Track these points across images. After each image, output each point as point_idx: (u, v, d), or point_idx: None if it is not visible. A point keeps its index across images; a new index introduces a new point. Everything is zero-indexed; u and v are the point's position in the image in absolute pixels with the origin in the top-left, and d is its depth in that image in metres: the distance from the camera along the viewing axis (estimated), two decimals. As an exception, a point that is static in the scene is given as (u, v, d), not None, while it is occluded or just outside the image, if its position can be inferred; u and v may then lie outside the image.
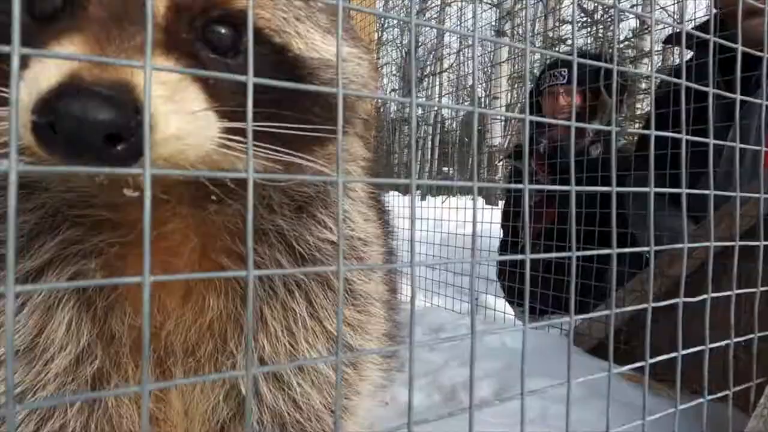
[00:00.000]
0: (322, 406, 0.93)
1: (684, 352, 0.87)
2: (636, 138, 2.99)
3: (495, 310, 2.74)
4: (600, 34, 6.92)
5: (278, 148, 0.70)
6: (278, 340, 0.89)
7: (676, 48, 3.23)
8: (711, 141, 0.92)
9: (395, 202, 3.32)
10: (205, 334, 0.88)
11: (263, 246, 0.86)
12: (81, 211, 0.80)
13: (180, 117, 0.61)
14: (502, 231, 3.55)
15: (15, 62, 0.37)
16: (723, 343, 0.95)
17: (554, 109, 3.36)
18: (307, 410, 0.92)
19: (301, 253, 0.88)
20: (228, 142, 0.66)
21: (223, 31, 0.69)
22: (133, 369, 0.86)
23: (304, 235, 0.88)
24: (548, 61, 3.62)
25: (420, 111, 5.98)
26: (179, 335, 0.87)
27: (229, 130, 0.66)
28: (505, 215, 3.50)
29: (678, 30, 2.01)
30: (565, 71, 3.30)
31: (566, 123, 0.75)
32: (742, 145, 0.99)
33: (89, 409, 0.84)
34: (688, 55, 2.39)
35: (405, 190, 3.82)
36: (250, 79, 0.48)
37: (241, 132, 0.65)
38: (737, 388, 0.98)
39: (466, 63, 8.45)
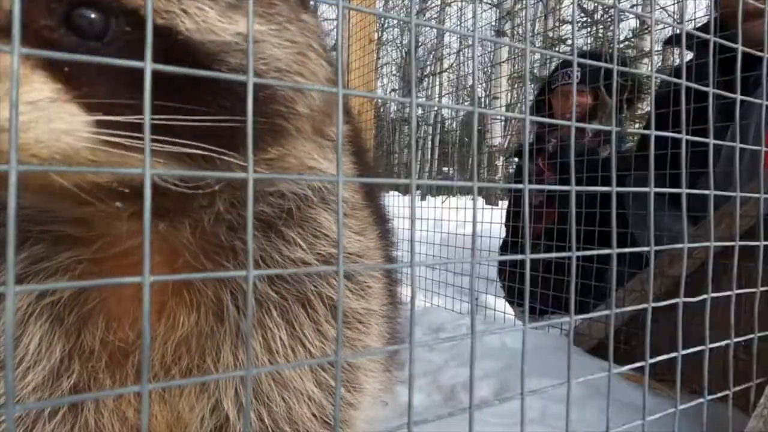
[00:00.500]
0: (311, 416, 0.90)
1: (684, 352, 0.87)
2: (638, 138, 2.99)
3: (495, 310, 2.74)
4: (600, 34, 6.92)
5: (201, 144, 0.63)
6: (257, 359, 0.86)
7: (676, 48, 3.22)
8: (711, 141, 0.92)
9: (395, 202, 3.34)
10: (181, 350, 0.86)
11: (230, 263, 0.82)
12: (43, 227, 0.78)
13: (7, 107, 0.56)
14: (504, 230, 3.55)
15: (15, 62, 0.37)
16: (723, 343, 0.95)
17: (565, 108, 3.35)
18: (293, 424, 0.90)
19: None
20: (108, 138, 0.59)
21: (92, 15, 0.62)
22: (110, 384, 0.85)
23: (273, 255, 0.83)
24: (554, 61, 3.61)
25: (420, 111, 5.97)
26: (156, 351, 0.85)
27: (107, 125, 0.60)
28: (509, 215, 3.49)
29: (678, 30, 2.00)
30: (578, 71, 3.29)
31: (566, 123, 0.74)
32: (742, 145, 0.99)
33: (72, 421, 0.84)
34: (689, 55, 2.39)
35: (405, 190, 3.82)
36: (250, 80, 0.48)
37: (119, 126, 0.60)
38: (737, 388, 0.98)
39: (466, 63, 8.46)
